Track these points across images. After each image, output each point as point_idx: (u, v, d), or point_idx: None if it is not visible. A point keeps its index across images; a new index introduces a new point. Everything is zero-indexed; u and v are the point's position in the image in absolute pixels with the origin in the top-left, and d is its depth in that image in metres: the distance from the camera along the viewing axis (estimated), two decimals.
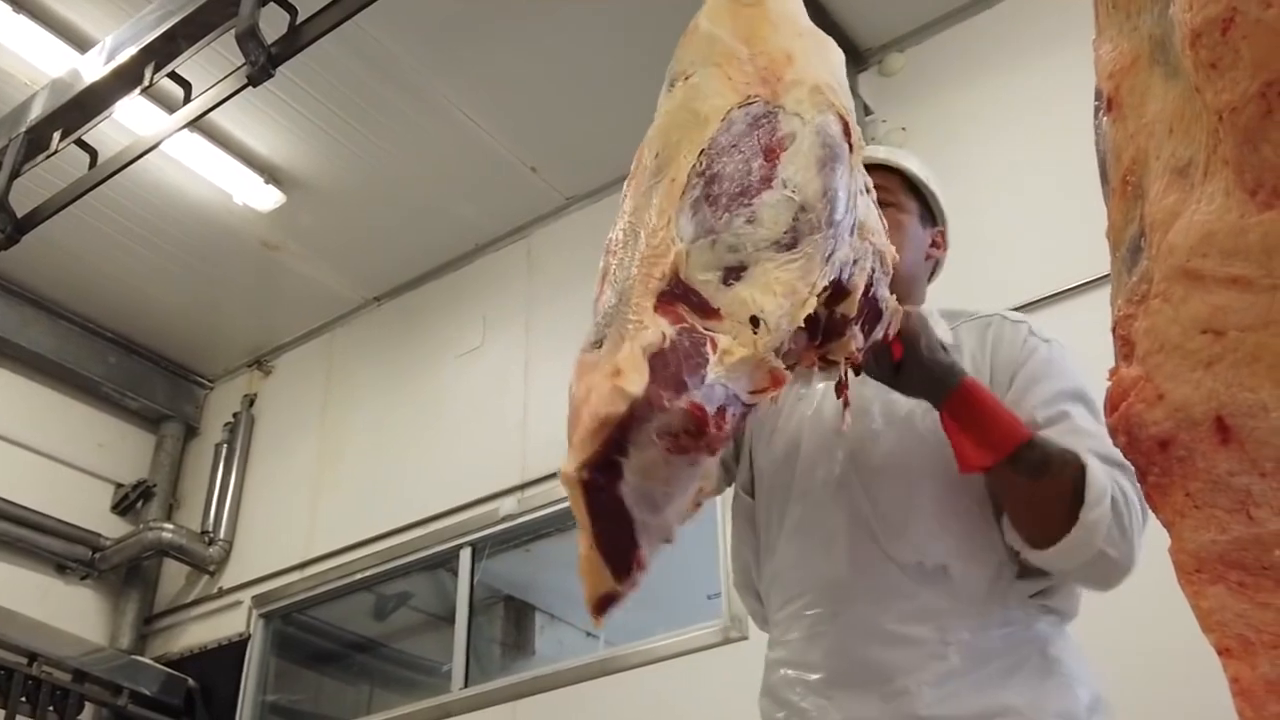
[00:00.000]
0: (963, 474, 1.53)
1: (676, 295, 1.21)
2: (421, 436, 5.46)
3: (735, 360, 1.17)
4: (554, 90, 4.79)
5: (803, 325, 1.24)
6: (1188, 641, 0.83)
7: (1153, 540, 1.10)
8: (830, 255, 1.22)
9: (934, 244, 1.91)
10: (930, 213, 1.90)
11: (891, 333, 1.44)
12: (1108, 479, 1.50)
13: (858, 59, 4.56)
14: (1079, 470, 1.49)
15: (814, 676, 1.63)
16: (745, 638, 3.90)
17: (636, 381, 1.12)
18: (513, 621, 5.23)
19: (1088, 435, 1.55)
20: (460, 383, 5.45)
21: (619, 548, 1.20)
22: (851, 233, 1.29)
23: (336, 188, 5.35)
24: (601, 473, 1.15)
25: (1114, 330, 0.78)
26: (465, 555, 5.02)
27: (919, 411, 1.64)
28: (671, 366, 1.14)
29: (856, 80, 4.49)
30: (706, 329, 1.18)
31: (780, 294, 1.19)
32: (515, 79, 4.75)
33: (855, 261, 1.29)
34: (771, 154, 1.26)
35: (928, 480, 1.62)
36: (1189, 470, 0.71)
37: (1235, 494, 0.69)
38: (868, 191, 1.38)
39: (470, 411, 5.31)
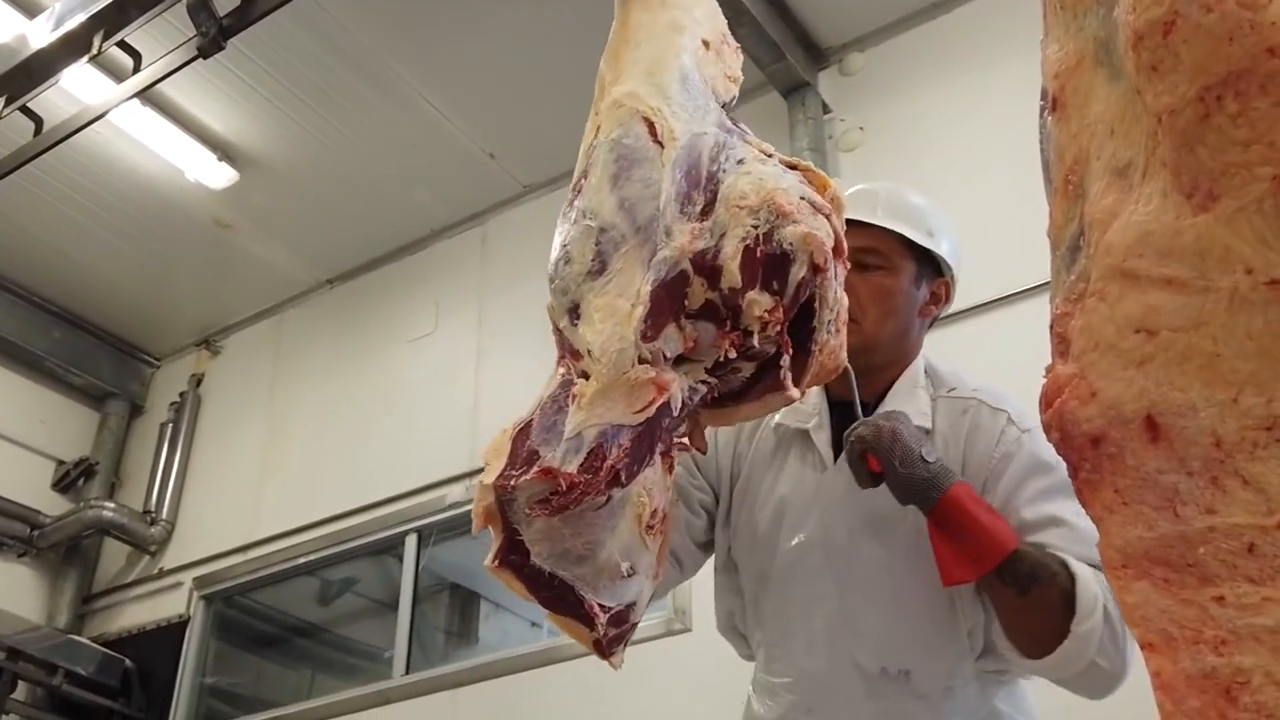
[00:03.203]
0: (947, 587, 1.54)
1: (563, 346, 1.30)
2: (370, 421, 5.41)
3: (589, 398, 1.21)
4: (514, 77, 4.76)
5: (702, 319, 1.26)
6: None
7: None
8: (652, 257, 1.23)
9: (934, 299, 1.78)
10: (932, 264, 1.76)
11: (807, 270, 1.31)
12: (1099, 588, 1.48)
13: (819, 57, 4.59)
14: (1069, 581, 1.48)
15: None
16: (688, 630, 3.91)
17: (490, 472, 1.23)
18: (457, 609, 5.21)
19: (1079, 540, 1.52)
20: (411, 368, 5.41)
21: (570, 605, 1.31)
22: (705, 213, 1.28)
23: (291, 167, 5.28)
24: (512, 554, 1.27)
25: (1051, 328, 0.79)
26: (411, 541, 4.98)
27: (896, 517, 1.62)
28: (529, 438, 1.22)
29: (817, 78, 4.52)
30: (579, 371, 1.24)
31: (599, 320, 1.22)
32: (476, 64, 4.72)
33: (722, 235, 1.27)
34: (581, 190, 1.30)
35: (890, 590, 1.65)
36: (1119, 467, 0.72)
37: (1163, 491, 0.70)
38: (741, 163, 1.33)
39: (420, 397, 5.27)
